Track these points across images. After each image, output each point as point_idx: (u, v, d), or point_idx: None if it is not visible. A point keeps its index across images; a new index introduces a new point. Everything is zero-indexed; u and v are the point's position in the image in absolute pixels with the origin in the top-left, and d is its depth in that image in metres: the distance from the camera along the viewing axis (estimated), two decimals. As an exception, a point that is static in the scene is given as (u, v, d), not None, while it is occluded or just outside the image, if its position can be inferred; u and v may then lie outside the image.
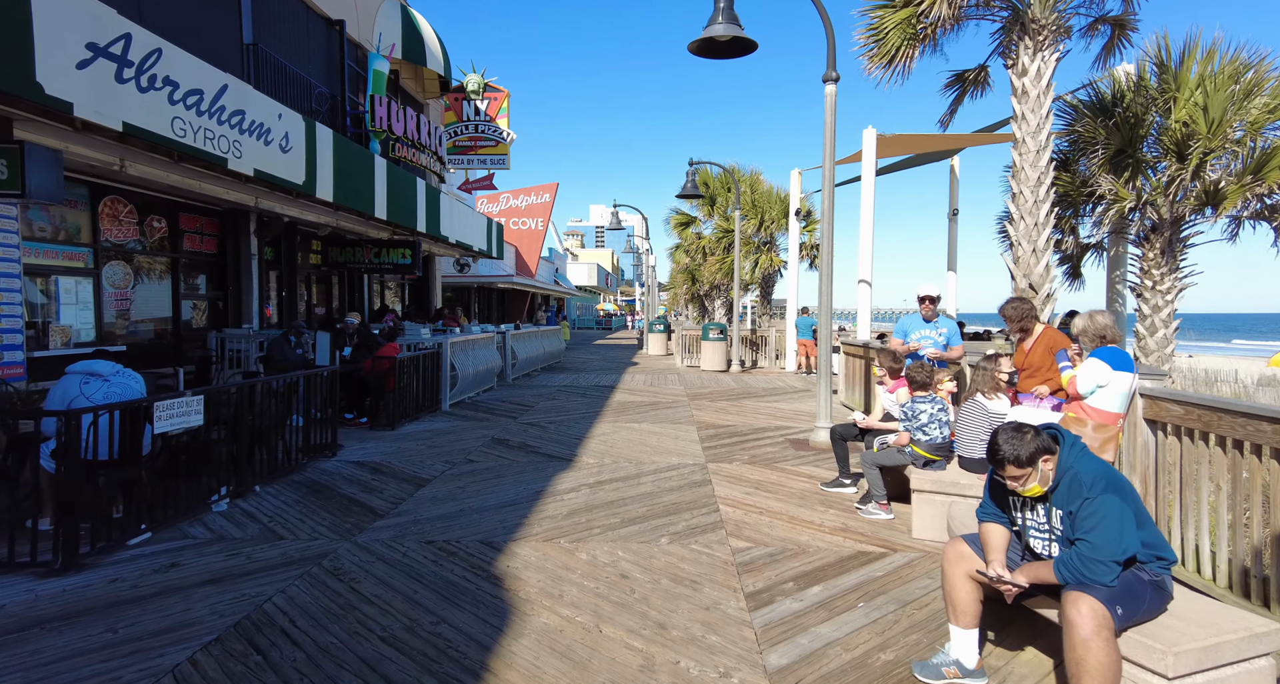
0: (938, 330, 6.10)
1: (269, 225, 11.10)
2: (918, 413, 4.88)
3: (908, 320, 6.23)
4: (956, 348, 6.10)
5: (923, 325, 6.16)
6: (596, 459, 6.83)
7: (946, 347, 6.09)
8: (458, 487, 5.75)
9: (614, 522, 4.81)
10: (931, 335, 6.08)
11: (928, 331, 6.11)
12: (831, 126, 7.58)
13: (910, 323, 6.20)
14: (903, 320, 6.29)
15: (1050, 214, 7.18)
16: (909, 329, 6.17)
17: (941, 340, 6.10)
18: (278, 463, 6.00)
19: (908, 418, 4.95)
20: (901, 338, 6.20)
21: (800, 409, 10.39)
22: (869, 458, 5.06)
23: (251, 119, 7.59)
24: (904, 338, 6.17)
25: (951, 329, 6.17)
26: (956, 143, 11.10)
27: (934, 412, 4.85)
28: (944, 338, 6.10)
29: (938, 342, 6.09)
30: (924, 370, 5.00)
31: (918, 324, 6.18)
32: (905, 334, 6.18)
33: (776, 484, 5.92)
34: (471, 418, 9.35)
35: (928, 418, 4.83)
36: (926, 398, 4.92)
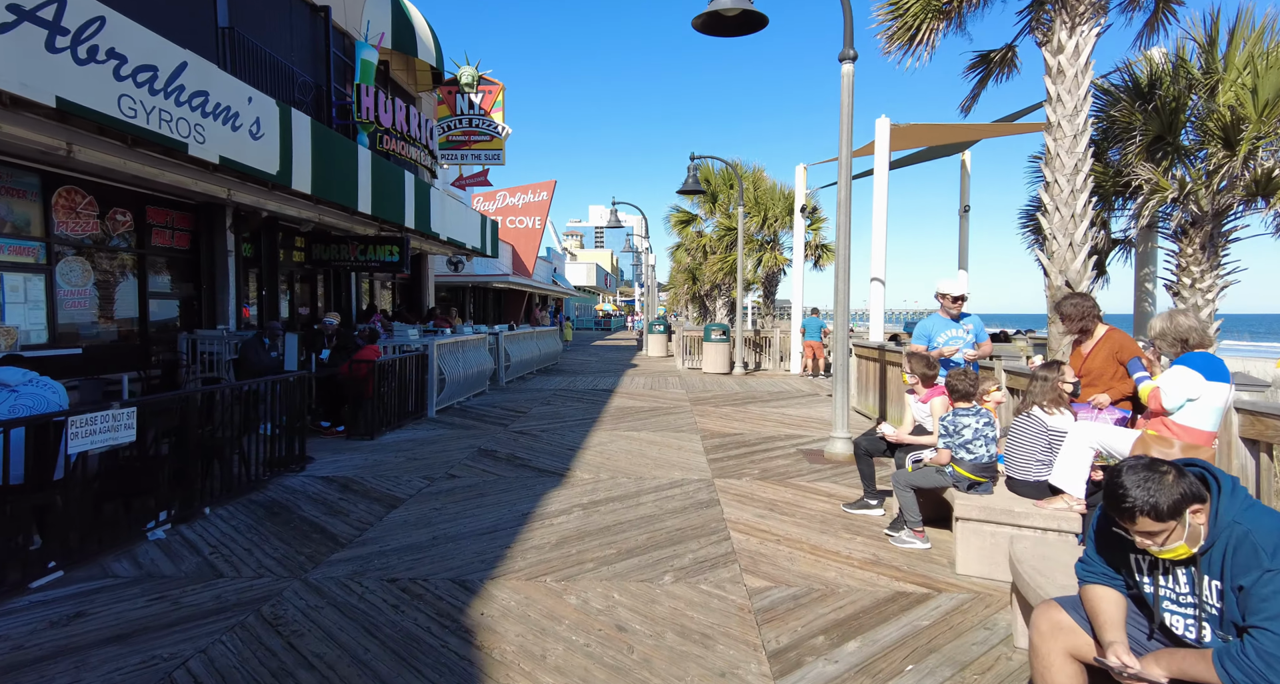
0: (964, 328, 5.46)
1: (246, 220, 10.46)
2: (960, 427, 4.25)
3: (931, 323, 5.55)
4: (985, 343, 5.49)
5: (949, 325, 5.48)
6: (592, 474, 6.19)
7: (975, 344, 5.46)
8: (434, 508, 5.11)
9: (610, 553, 4.18)
10: (960, 335, 5.43)
11: (955, 331, 5.44)
12: (849, 108, 6.95)
13: (934, 325, 5.52)
14: (924, 323, 5.62)
15: (1088, 205, 6.55)
16: (933, 332, 5.49)
17: (970, 338, 5.46)
18: (235, 480, 5.36)
19: (948, 433, 4.32)
20: (925, 343, 5.53)
21: (810, 415, 9.75)
22: (902, 479, 4.43)
23: (216, 102, 6.95)
24: (928, 342, 5.50)
25: (978, 325, 5.53)
26: (974, 133, 10.49)
27: (979, 426, 4.22)
28: (972, 336, 5.45)
29: (968, 342, 5.44)
30: (967, 378, 4.37)
31: (943, 324, 5.50)
32: (929, 338, 5.51)
33: (793, 505, 5.28)
34: (458, 426, 8.71)
35: (972, 433, 4.20)
36: (970, 410, 4.29)
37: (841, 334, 7.07)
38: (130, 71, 5.69)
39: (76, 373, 7.48)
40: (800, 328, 16.34)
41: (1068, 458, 3.59)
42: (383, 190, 11.45)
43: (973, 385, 4.36)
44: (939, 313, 5.53)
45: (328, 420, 8.25)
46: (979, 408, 4.33)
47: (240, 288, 10.88)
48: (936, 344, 5.43)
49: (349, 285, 14.89)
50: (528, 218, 29.58)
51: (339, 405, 8.22)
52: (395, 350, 9.81)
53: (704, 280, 25.68)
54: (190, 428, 4.76)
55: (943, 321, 5.51)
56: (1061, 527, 3.55)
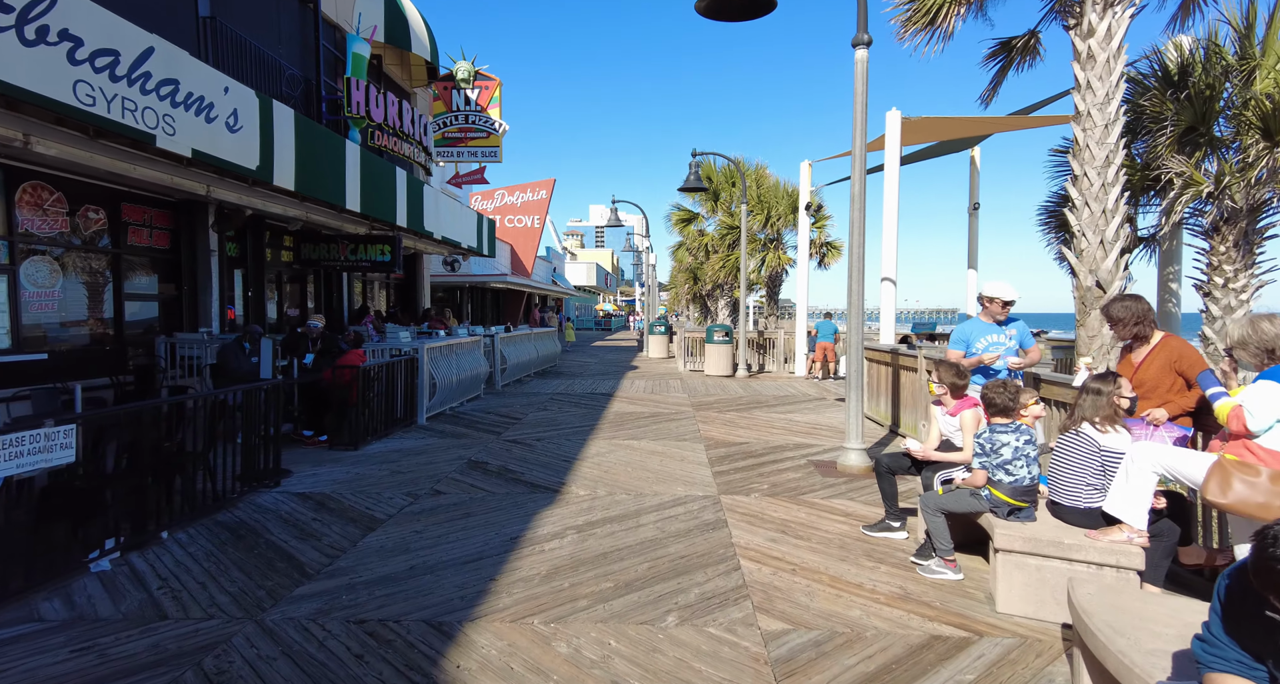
0: (1007, 333, 4.94)
1: (230, 218, 10.03)
2: (998, 446, 3.81)
3: (970, 327, 5.06)
4: (1033, 350, 4.95)
5: (991, 329, 4.97)
6: (588, 489, 5.75)
7: (1020, 352, 4.97)
8: (414, 531, 4.67)
9: (606, 587, 3.73)
10: (1003, 341, 4.93)
11: (997, 337, 4.94)
12: (863, 97, 6.51)
13: (974, 329, 5.03)
14: (963, 327, 5.12)
15: (1120, 199, 6.10)
16: (971, 336, 5.00)
17: (1014, 345, 4.94)
18: (200, 498, 4.92)
19: (984, 452, 3.87)
20: (963, 348, 5.05)
21: (818, 422, 9.31)
22: (932, 502, 3.98)
23: (188, 91, 6.51)
24: (965, 348, 5.02)
25: (1023, 330, 4.99)
26: (990, 127, 10.04)
27: (1020, 444, 3.77)
28: (1016, 342, 4.95)
29: (1011, 349, 4.94)
30: (1006, 390, 3.91)
31: (984, 329, 4.99)
32: (968, 343, 5.02)
33: (807, 526, 4.84)
34: (449, 434, 8.27)
35: (1012, 453, 3.75)
36: (1009, 426, 3.84)
37: (856, 337, 6.62)
38: (87, 56, 5.26)
39: (42, 379, 7.05)
40: (811, 329, 15.92)
41: (1127, 483, 3.15)
42: (373, 187, 11.01)
43: (1012, 399, 3.91)
44: (980, 316, 5.02)
45: (310, 429, 7.81)
46: (1019, 424, 3.89)
47: (224, 289, 10.45)
48: (975, 350, 4.94)
49: (340, 286, 14.46)
50: (526, 217, 29.15)
51: (322, 413, 7.78)
52: (386, 354, 9.38)
53: (705, 280, 25.22)
54: (144, 443, 4.33)
55: (984, 326, 5.00)
56: (1121, 562, 3.11)
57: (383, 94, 13.09)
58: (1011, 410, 3.88)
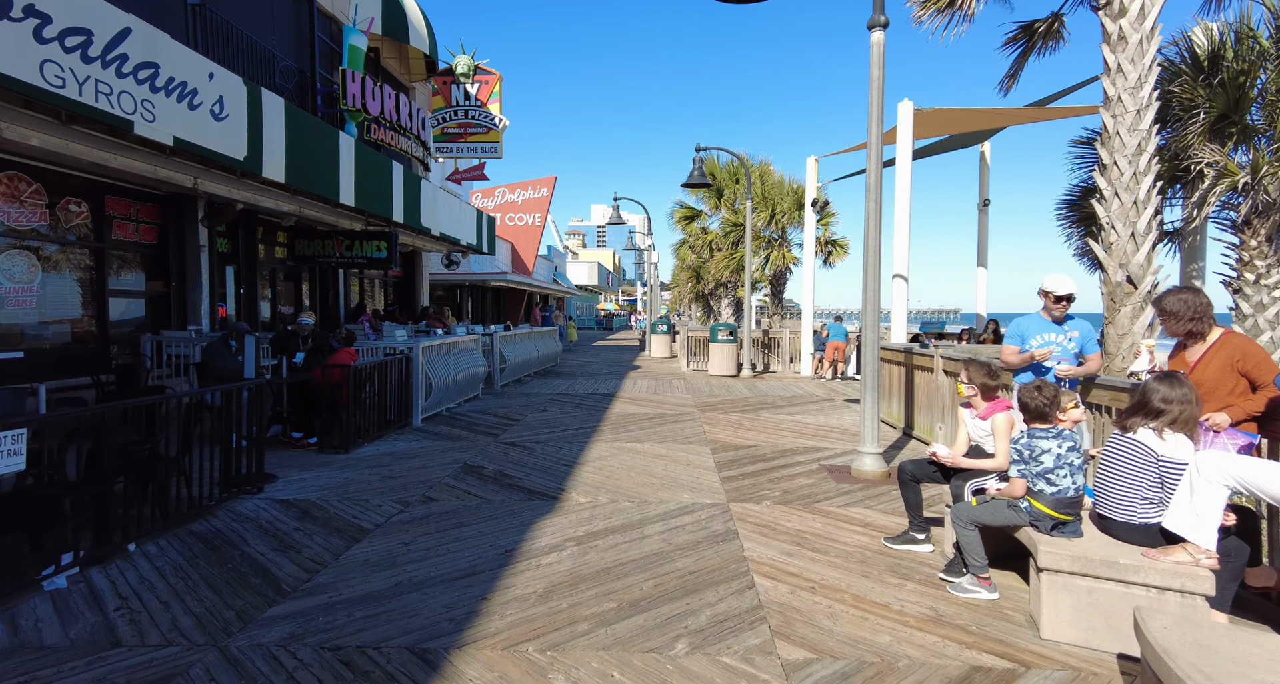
0: (1068, 334, 4.52)
1: (220, 212, 9.70)
2: (1038, 453, 3.47)
3: (1027, 322, 4.64)
4: (1093, 357, 4.49)
5: (1050, 327, 4.55)
6: (589, 496, 5.42)
7: (1079, 358, 4.56)
8: (402, 543, 4.34)
9: (608, 608, 3.40)
10: (1060, 341, 4.54)
11: (1055, 336, 4.52)
12: (879, 83, 6.18)
13: (1031, 325, 4.61)
14: (1020, 321, 4.73)
15: (1153, 190, 5.76)
16: (1027, 332, 4.59)
17: (1074, 349, 4.51)
18: (175, 506, 4.60)
19: (1022, 459, 3.54)
20: (1017, 344, 4.64)
21: (828, 424, 8.97)
22: (965, 514, 3.65)
23: (169, 76, 6.20)
24: (1021, 344, 4.64)
25: (1086, 332, 4.52)
26: (1005, 119, 9.70)
27: (1062, 451, 3.44)
28: (1076, 345, 4.52)
29: (1068, 350, 4.51)
30: (1042, 394, 3.56)
31: (1042, 326, 4.57)
32: (1023, 339, 4.61)
33: (824, 538, 4.50)
34: (444, 436, 7.95)
35: (1054, 461, 3.42)
36: (1049, 431, 3.51)
37: (871, 336, 6.29)
38: (56, 34, 4.94)
39: (17, 378, 6.75)
40: (820, 328, 15.62)
41: (1192, 497, 2.82)
42: (368, 181, 10.69)
43: (1049, 402, 3.57)
44: (1040, 313, 4.62)
45: (300, 431, 7.49)
46: (1061, 429, 3.55)
47: (215, 286, 10.14)
48: (1030, 347, 4.56)
49: (337, 283, 14.15)
50: (528, 215, 28.83)
51: (312, 415, 7.46)
52: (380, 353, 9.06)
53: (708, 279, 24.91)
54: (110, 448, 4.00)
55: (1042, 323, 4.58)
56: (1186, 586, 2.78)
57: (379, 87, 12.77)
58: (1049, 415, 3.55)
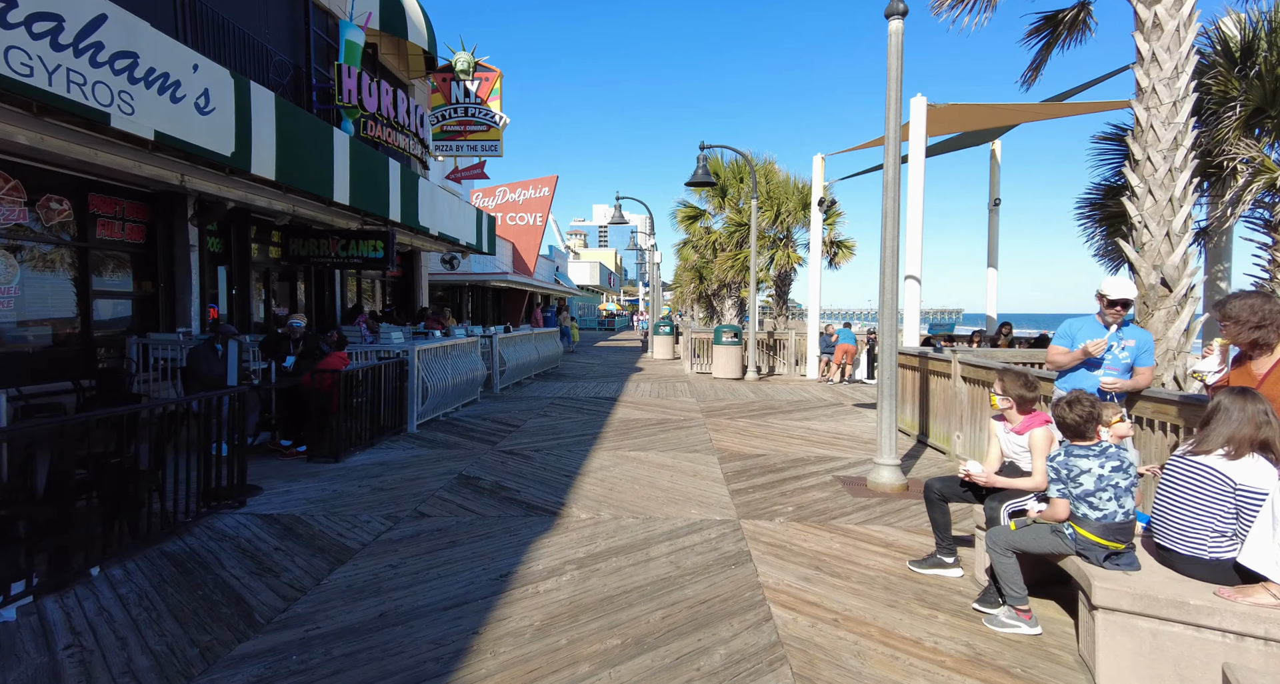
0: (1121, 344, 4.17)
1: (210, 210, 9.40)
2: (1076, 473, 3.15)
3: (1079, 323, 4.29)
4: (1145, 372, 4.12)
5: (1102, 332, 4.21)
6: (591, 512, 5.11)
7: (1131, 370, 4.18)
8: (389, 565, 4.03)
9: (612, 646, 3.08)
10: (1113, 352, 4.17)
11: (1109, 342, 4.18)
12: (897, 73, 5.86)
13: (1082, 327, 4.26)
14: (1071, 322, 4.37)
15: (1189, 187, 5.43)
16: (1078, 335, 4.24)
17: (1126, 359, 4.16)
18: (145, 524, 4.29)
19: (1060, 479, 3.22)
20: (1066, 344, 4.29)
21: (839, 431, 8.65)
22: (1003, 539, 3.32)
23: (149, 67, 5.89)
24: (1070, 345, 4.27)
25: (1142, 343, 4.14)
26: (1022, 115, 9.37)
27: (1106, 472, 3.11)
28: (1129, 357, 4.17)
29: (1120, 361, 4.16)
30: (1075, 409, 3.23)
31: (1094, 330, 4.23)
32: (1073, 341, 4.27)
33: (844, 560, 4.18)
34: (440, 444, 7.63)
35: (1095, 483, 3.10)
36: (1091, 449, 3.18)
37: (889, 340, 5.96)
38: (22, 19, 4.63)
39: (-7, 385, 6.44)
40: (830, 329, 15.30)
41: (1276, 531, 2.49)
42: (363, 179, 10.39)
43: (1085, 418, 3.22)
44: (1095, 317, 4.28)
45: (289, 438, 7.18)
46: (1105, 446, 3.22)
47: (206, 287, 9.85)
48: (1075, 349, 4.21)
49: (333, 284, 13.84)
50: (529, 214, 28.52)
51: (302, 421, 7.15)
52: (374, 356, 8.75)
53: (712, 279, 24.59)
54: (70, 462, 3.69)
55: (1096, 326, 4.24)
56: (1271, 633, 2.45)
57: (376, 82, 12.46)
58: (1087, 432, 3.21)
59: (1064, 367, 4.24)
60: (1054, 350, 4.31)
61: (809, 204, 20.06)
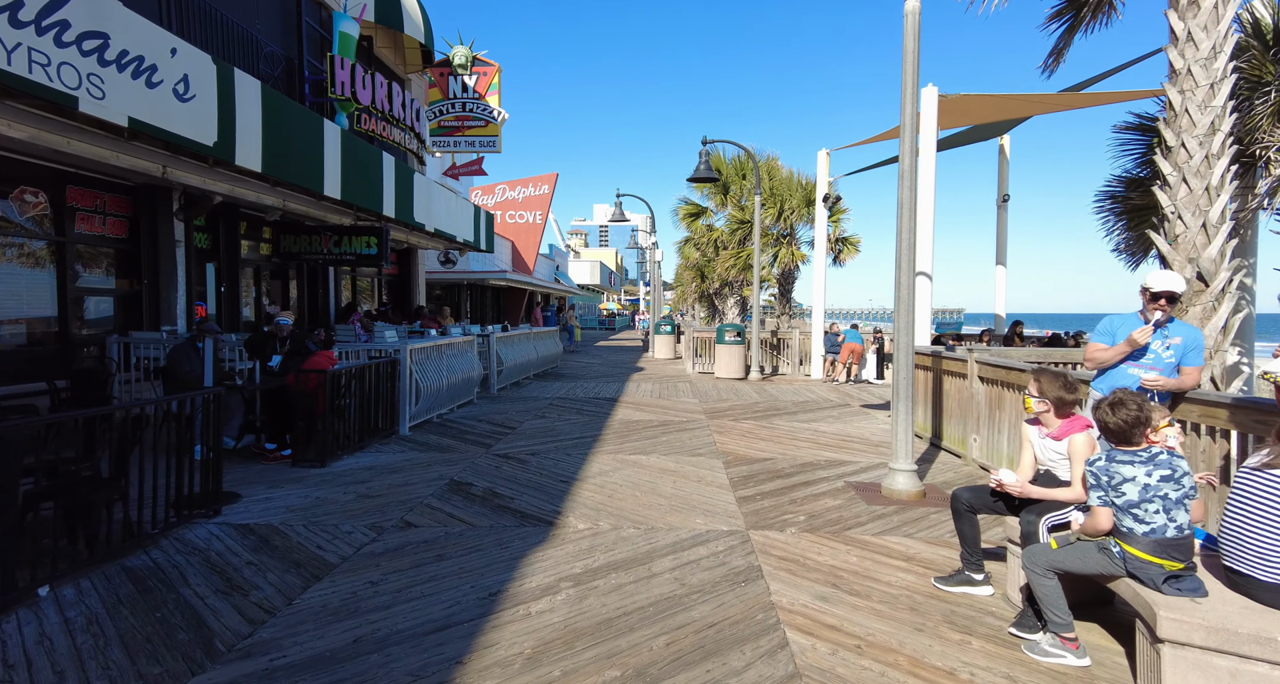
0: (1166, 342, 3.84)
1: (196, 205, 9.08)
2: (1117, 481, 2.83)
3: (1120, 320, 3.97)
4: (1193, 372, 3.79)
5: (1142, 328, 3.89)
6: (589, 522, 4.78)
7: (1178, 369, 3.85)
8: (369, 583, 3.70)
9: (611, 679, 2.76)
10: (1156, 349, 3.87)
11: (1153, 342, 3.86)
12: (913, 57, 5.55)
13: (1124, 324, 3.94)
14: (1112, 318, 4.02)
15: (1227, 175, 5.11)
16: (1120, 333, 3.93)
17: (1171, 358, 3.84)
18: (108, 536, 3.97)
19: (1100, 486, 2.89)
20: (1107, 341, 3.98)
21: (847, 433, 8.32)
22: (1043, 558, 2.99)
23: (122, 49, 5.56)
24: (1111, 341, 3.96)
25: (1190, 340, 3.82)
26: (1035, 106, 9.03)
27: (1152, 481, 2.79)
28: (1174, 356, 3.84)
29: (1164, 360, 3.84)
30: (1119, 412, 2.90)
31: (1137, 327, 3.91)
32: (1114, 337, 3.96)
33: (863, 576, 3.85)
34: (433, 447, 7.31)
35: (1140, 493, 2.77)
36: (1137, 455, 2.86)
37: (905, 339, 5.63)
38: (-24, -8, 4.31)
39: (-40, 385, 6.13)
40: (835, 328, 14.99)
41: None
42: (356, 173, 10.06)
43: (1131, 421, 2.89)
44: (1137, 314, 3.95)
45: (274, 442, 6.86)
46: (1154, 452, 2.89)
47: (193, 284, 9.53)
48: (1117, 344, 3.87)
49: (326, 281, 13.51)
50: (528, 212, 28.20)
51: (288, 424, 6.82)
52: (365, 356, 8.43)
53: (714, 278, 24.26)
54: (13, 470, 3.37)
55: (1139, 324, 3.92)
56: (1372, 675, 2.12)
57: (370, 75, 12.15)
58: (1132, 436, 2.89)
59: (1106, 363, 3.92)
60: (1093, 347, 3.98)
61: (812, 201, 19.73)
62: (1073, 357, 8.64)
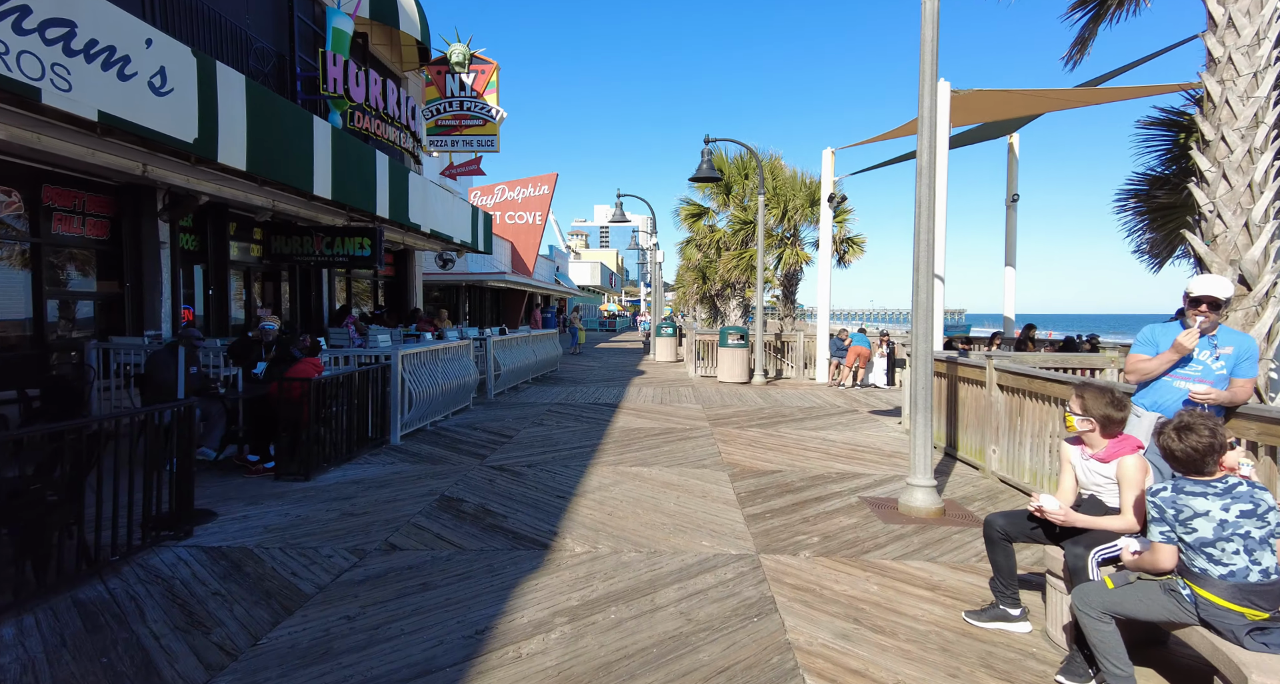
0: (1216, 351, 3.50)
1: (181, 204, 8.75)
2: (1187, 516, 2.50)
3: (1163, 329, 3.63)
4: (1245, 384, 3.44)
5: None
6: (587, 543, 4.44)
7: (1230, 380, 3.51)
8: (345, 617, 3.36)
9: (610, 742, 2.42)
10: (1205, 360, 3.55)
11: (1201, 351, 3.53)
12: (932, 44, 5.21)
13: (1165, 333, 3.61)
14: (1152, 328, 3.66)
15: (1272, 170, 4.77)
16: (1164, 342, 3.60)
17: (1222, 369, 3.49)
18: (60, 563, 3.63)
19: (1163, 520, 2.56)
20: (1149, 351, 3.64)
21: (857, 442, 7.98)
22: (1097, 600, 2.65)
23: (90, 38, 5.24)
24: (1154, 351, 3.63)
25: (1243, 349, 3.47)
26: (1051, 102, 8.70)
27: (1232, 517, 2.46)
28: (1225, 366, 3.49)
29: (1214, 372, 3.50)
30: (1187, 439, 2.57)
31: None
32: (1157, 347, 3.63)
33: (886, 609, 3.51)
34: (424, 458, 6.97)
35: (1215, 531, 2.44)
36: (1210, 485, 2.53)
37: (924, 345, 5.30)
38: (-77, -27, 3.98)
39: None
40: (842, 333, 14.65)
41: None
42: (348, 172, 9.73)
43: (1203, 449, 2.55)
44: (1178, 320, 3.60)
45: (257, 453, 6.52)
46: (1233, 484, 2.56)
47: (179, 286, 9.21)
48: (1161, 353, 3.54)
49: (320, 284, 13.18)
50: (528, 213, 27.89)
51: (271, 434, 6.48)
52: (355, 361, 8.09)
53: (715, 279, 23.94)
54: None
55: (1180, 332, 3.58)
56: None
57: (364, 71, 11.82)
58: (1205, 465, 2.55)
59: (1151, 374, 3.58)
60: (1135, 359, 3.64)
61: (816, 201, 19.41)
62: (1091, 362, 8.30)
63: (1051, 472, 5.52)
